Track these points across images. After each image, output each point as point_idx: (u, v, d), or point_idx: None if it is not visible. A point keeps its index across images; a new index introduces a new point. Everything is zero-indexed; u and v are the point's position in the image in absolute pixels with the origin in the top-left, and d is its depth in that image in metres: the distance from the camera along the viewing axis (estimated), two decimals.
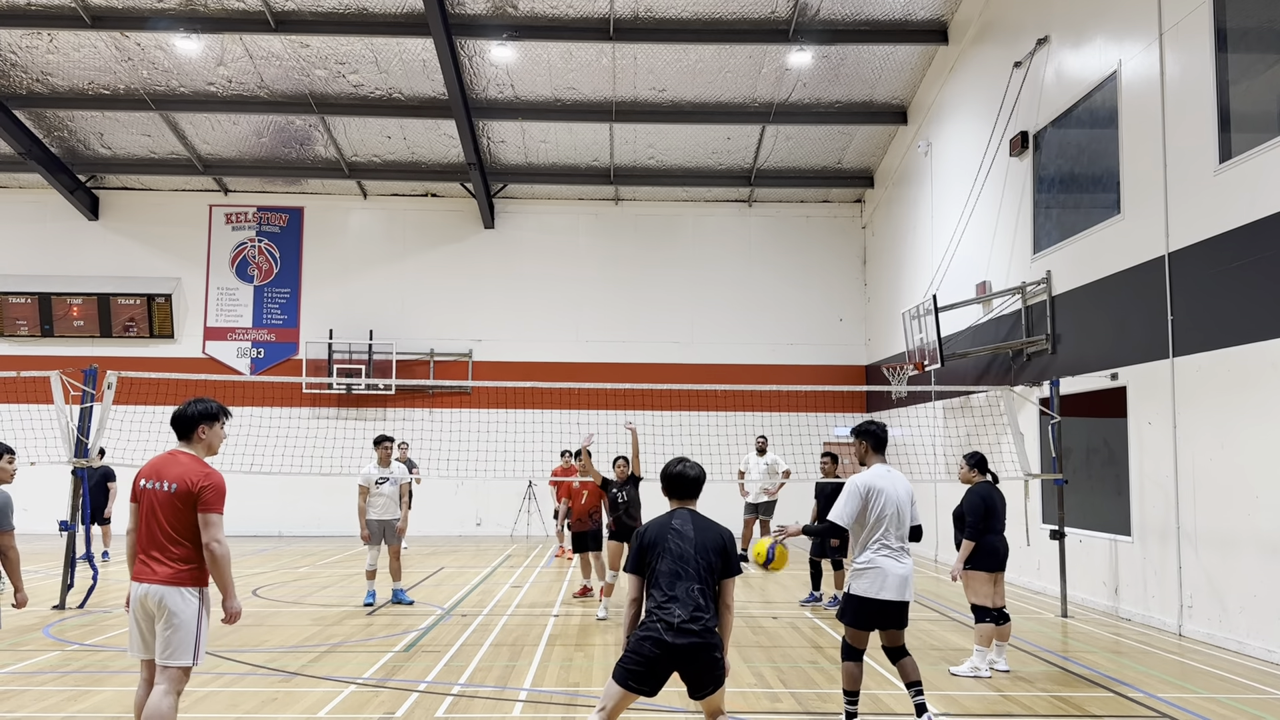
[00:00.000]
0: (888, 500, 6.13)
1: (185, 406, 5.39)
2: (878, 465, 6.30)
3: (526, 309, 21.55)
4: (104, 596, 11.57)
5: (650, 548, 4.87)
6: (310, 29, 16.70)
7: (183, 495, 5.06)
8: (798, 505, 21.15)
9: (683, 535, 4.86)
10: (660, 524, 4.95)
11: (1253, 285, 9.07)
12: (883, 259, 20.65)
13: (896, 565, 6.11)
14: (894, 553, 6.13)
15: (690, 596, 4.72)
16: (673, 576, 4.76)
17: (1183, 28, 10.20)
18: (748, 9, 16.39)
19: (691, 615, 4.68)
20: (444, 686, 7.49)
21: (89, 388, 11.34)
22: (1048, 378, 12.51)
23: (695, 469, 5.11)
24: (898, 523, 6.17)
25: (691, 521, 4.95)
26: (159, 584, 4.98)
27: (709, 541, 4.88)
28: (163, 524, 5.06)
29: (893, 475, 6.27)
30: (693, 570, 4.78)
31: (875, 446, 6.36)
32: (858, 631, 6.19)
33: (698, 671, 4.72)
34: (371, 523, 11.36)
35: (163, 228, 21.58)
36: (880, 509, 6.11)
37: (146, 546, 5.07)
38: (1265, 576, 8.81)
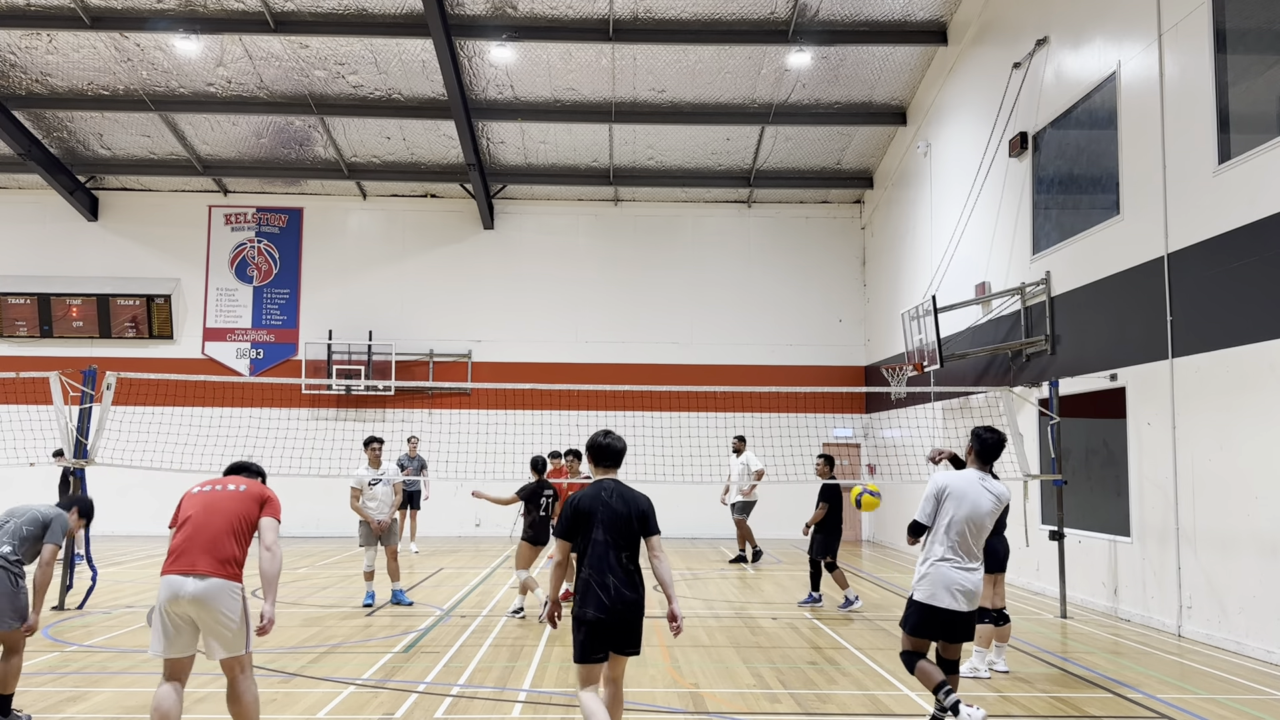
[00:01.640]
0: (963, 505, 5.94)
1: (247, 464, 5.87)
2: (970, 470, 6.16)
3: (526, 310, 21.55)
4: (103, 598, 11.56)
5: (585, 516, 5.31)
6: (310, 29, 16.70)
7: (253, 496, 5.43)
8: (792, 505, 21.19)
9: (611, 506, 5.32)
10: (591, 494, 5.36)
11: (1252, 286, 9.08)
12: (882, 260, 20.66)
13: (958, 573, 5.89)
14: (959, 560, 5.90)
15: (623, 566, 5.27)
16: (606, 546, 5.25)
17: (1182, 28, 10.21)
18: (747, 9, 16.40)
19: (627, 584, 5.25)
20: (443, 687, 7.49)
21: (88, 388, 11.33)
22: (1047, 378, 12.51)
23: (620, 441, 5.57)
24: (971, 531, 5.94)
25: (618, 491, 5.41)
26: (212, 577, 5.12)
27: (634, 510, 5.36)
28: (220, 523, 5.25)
29: (985, 482, 6.07)
30: (624, 540, 5.30)
31: (981, 453, 6.22)
32: (916, 639, 6.01)
33: (630, 631, 5.29)
34: (366, 523, 11.35)
35: (162, 228, 21.58)
36: (952, 513, 5.93)
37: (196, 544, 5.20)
38: (1264, 577, 8.82)
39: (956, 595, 5.87)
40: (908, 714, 6.90)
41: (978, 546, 5.99)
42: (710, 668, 8.27)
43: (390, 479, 11.53)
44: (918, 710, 6.99)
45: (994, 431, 6.23)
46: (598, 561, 5.24)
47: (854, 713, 6.91)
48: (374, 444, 11.57)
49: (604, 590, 5.20)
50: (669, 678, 7.85)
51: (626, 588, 5.23)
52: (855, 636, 9.80)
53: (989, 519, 5.99)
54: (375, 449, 11.51)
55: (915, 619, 5.97)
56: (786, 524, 21.04)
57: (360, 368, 20.72)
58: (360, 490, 11.29)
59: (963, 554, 5.90)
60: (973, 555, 5.95)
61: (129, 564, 15.43)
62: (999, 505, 6.08)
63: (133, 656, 8.44)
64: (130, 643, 9.06)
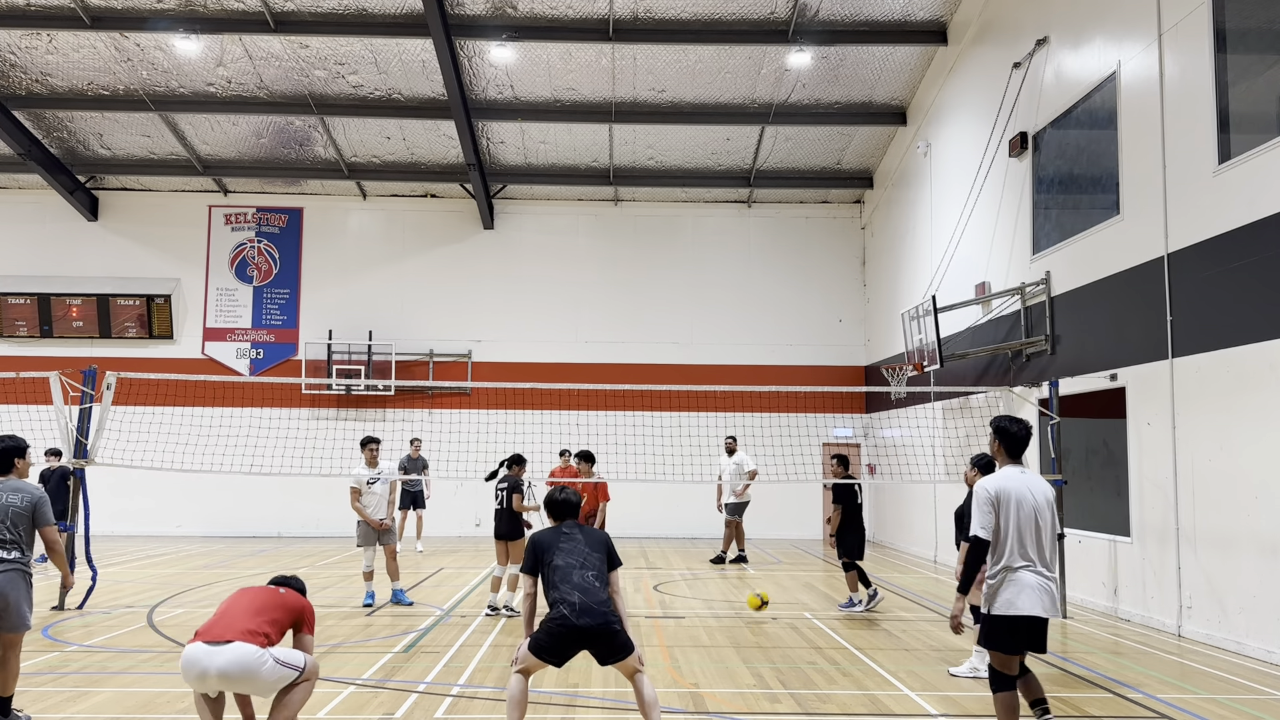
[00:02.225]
0: (1021, 505, 5.55)
1: None
2: (1009, 467, 5.74)
3: (526, 310, 21.55)
4: (103, 598, 11.56)
5: (545, 550, 5.75)
6: (310, 29, 16.70)
7: (293, 605, 5.58)
8: (794, 505, 21.21)
9: (572, 537, 5.81)
10: (551, 531, 5.90)
11: (1252, 286, 9.08)
12: (882, 260, 20.66)
13: (1032, 577, 5.50)
14: (1031, 563, 5.53)
15: (587, 582, 5.58)
16: (568, 569, 5.61)
17: (1182, 28, 10.21)
18: (747, 9, 16.40)
19: (593, 599, 5.52)
20: (443, 687, 7.49)
21: (88, 388, 11.34)
22: (1047, 378, 12.52)
23: (576, 496, 6.11)
24: (1035, 530, 5.55)
25: (578, 528, 5.91)
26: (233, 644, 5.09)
27: (594, 542, 5.84)
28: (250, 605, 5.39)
29: (1027, 477, 5.70)
30: (587, 562, 5.67)
31: (1009, 448, 5.78)
32: (1004, 656, 5.54)
33: (603, 646, 5.54)
34: (364, 523, 11.37)
35: (162, 228, 21.57)
36: (1012, 515, 5.54)
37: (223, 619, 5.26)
38: (1264, 577, 8.82)
39: (1037, 600, 5.47)
40: (908, 714, 6.91)
41: (1049, 548, 5.60)
42: (710, 668, 8.27)
43: (387, 478, 11.53)
44: (918, 710, 6.99)
45: (1018, 421, 5.83)
46: (562, 579, 5.60)
47: (854, 713, 6.92)
48: (371, 444, 11.57)
49: (568, 602, 5.50)
50: (669, 678, 7.85)
51: (591, 609, 5.49)
52: (855, 636, 9.80)
53: (1050, 514, 5.60)
54: (373, 449, 11.52)
55: (998, 634, 5.53)
56: (787, 524, 21.11)
57: (360, 368, 20.72)
58: (360, 490, 11.30)
59: (1035, 558, 5.54)
60: (1045, 557, 5.58)
61: (129, 564, 15.44)
62: (1049, 492, 5.71)
63: (133, 656, 8.44)
64: (130, 643, 9.06)
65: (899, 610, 11.57)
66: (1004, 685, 5.58)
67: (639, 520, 19.11)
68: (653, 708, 5.61)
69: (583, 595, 5.50)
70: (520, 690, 5.58)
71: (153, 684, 7.47)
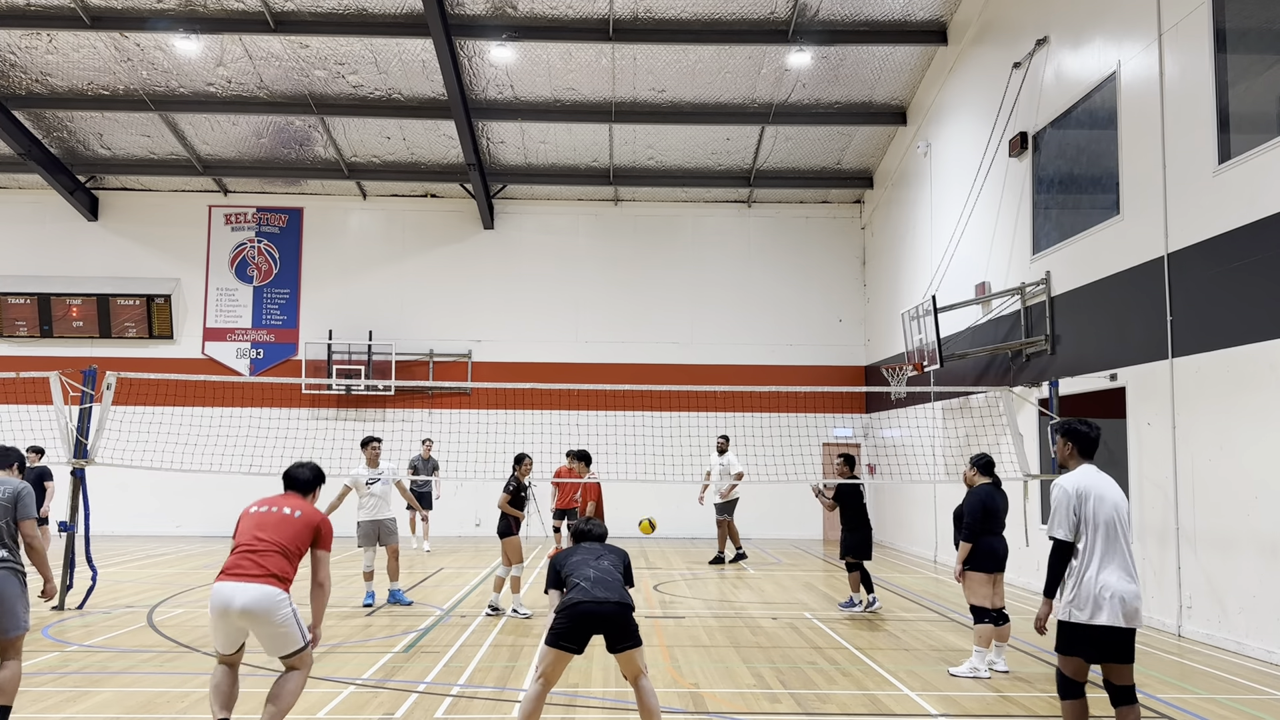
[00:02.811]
0: (1104, 505, 5.33)
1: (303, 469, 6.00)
2: (1085, 466, 5.55)
3: (526, 310, 21.55)
4: (103, 598, 11.56)
5: (563, 561, 5.92)
6: (310, 29, 16.70)
7: (307, 524, 5.64)
8: (794, 505, 21.20)
9: (592, 548, 6.03)
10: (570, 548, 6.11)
11: (1252, 286, 9.08)
12: (882, 260, 20.66)
13: (1116, 582, 5.24)
14: (1113, 567, 5.27)
15: (605, 570, 5.76)
16: (584, 564, 5.78)
17: (1182, 28, 10.21)
18: (747, 9, 16.40)
19: (609, 583, 5.66)
20: (443, 687, 7.49)
21: (88, 388, 11.33)
22: (1047, 378, 12.52)
23: (601, 528, 6.25)
24: (1115, 532, 5.33)
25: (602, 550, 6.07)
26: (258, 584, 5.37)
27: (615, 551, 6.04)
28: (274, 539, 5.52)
29: (1103, 477, 5.48)
30: (604, 558, 5.87)
31: (1082, 450, 5.59)
32: (1079, 663, 5.37)
33: (616, 628, 5.61)
34: (364, 523, 11.36)
35: (162, 228, 21.58)
36: (1094, 515, 5.32)
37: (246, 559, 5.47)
38: (1264, 577, 8.82)
39: (1117, 608, 5.22)
40: (908, 714, 6.91)
41: (1130, 550, 5.38)
42: (710, 668, 8.27)
43: (389, 478, 11.53)
44: (918, 710, 6.99)
45: (1089, 423, 5.63)
46: (577, 568, 5.76)
47: (854, 713, 6.92)
48: (373, 443, 11.58)
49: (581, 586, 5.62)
50: (669, 678, 7.85)
51: (606, 584, 5.64)
52: (855, 636, 9.80)
53: (1128, 515, 5.44)
54: (375, 448, 11.53)
55: (1075, 641, 5.34)
56: (788, 524, 21.11)
57: (360, 368, 20.73)
58: (351, 489, 11.32)
59: (1117, 560, 5.29)
60: (1128, 560, 5.35)
61: (129, 564, 15.43)
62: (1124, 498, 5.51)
63: (133, 656, 8.44)
64: (130, 643, 9.06)
65: (899, 610, 11.57)
66: (1071, 691, 5.40)
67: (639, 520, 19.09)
68: (654, 715, 5.57)
69: (599, 574, 5.66)
70: (536, 695, 5.53)
71: (153, 684, 7.47)
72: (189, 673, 7.82)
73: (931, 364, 14.83)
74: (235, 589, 5.37)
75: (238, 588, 5.37)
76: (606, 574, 5.74)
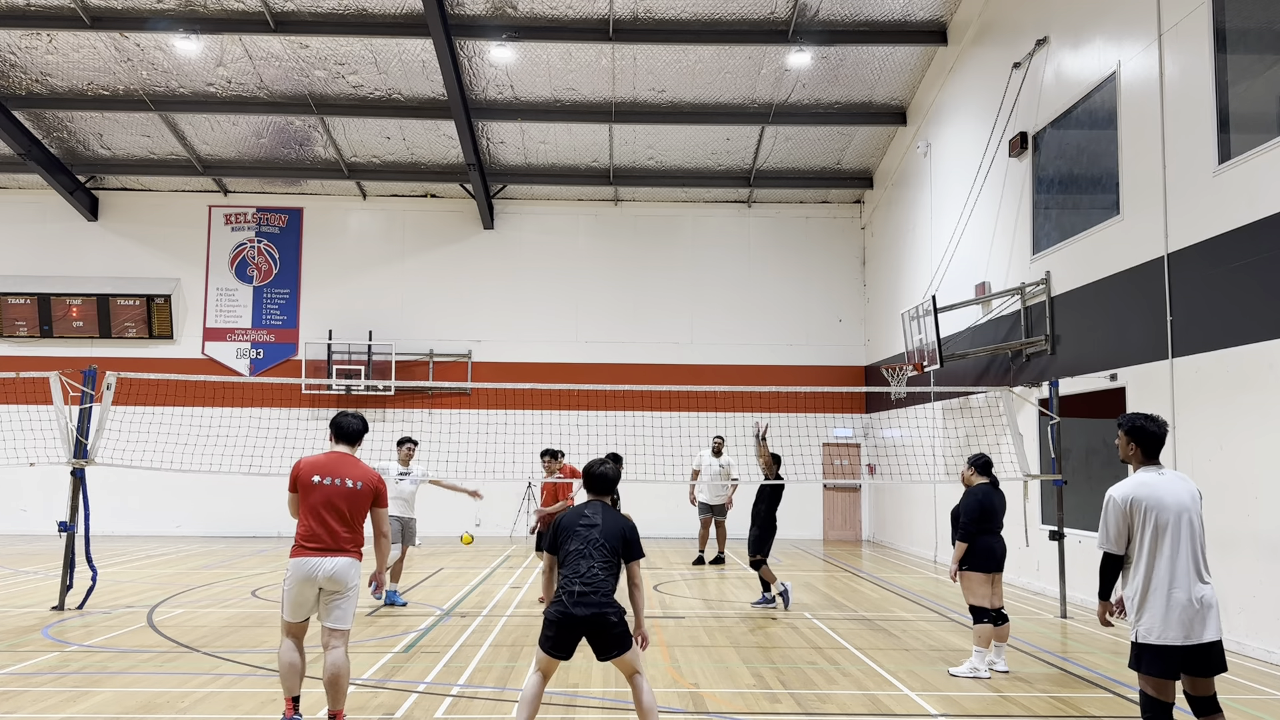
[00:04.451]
0: (1160, 512, 4.95)
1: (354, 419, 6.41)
2: (1143, 472, 5.10)
3: (526, 310, 21.55)
4: (103, 598, 11.55)
5: (563, 532, 5.74)
6: (310, 29, 16.71)
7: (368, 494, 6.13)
8: (797, 505, 21.19)
9: (591, 523, 5.72)
10: (575, 513, 5.82)
11: (1252, 286, 9.08)
12: (882, 260, 20.66)
13: (1180, 594, 4.87)
14: (1184, 576, 4.89)
15: (591, 573, 5.55)
16: (578, 556, 5.60)
17: (1182, 29, 10.21)
18: (747, 9, 16.40)
19: (591, 588, 5.51)
20: (443, 687, 7.49)
21: (88, 388, 11.33)
22: (1047, 378, 12.52)
23: (614, 470, 6.02)
24: (1177, 539, 4.92)
25: (601, 513, 5.79)
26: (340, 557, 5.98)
27: (612, 529, 5.72)
28: (346, 513, 6.04)
29: (1167, 479, 5.05)
30: (595, 551, 5.61)
31: (1146, 448, 5.11)
32: (1158, 680, 4.96)
33: (599, 637, 5.54)
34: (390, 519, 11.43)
35: (162, 228, 21.58)
36: (1150, 527, 4.95)
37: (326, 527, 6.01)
38: (1264, 577, 8.82)
39: (1184, 622, 4.86)
40: (908, 714, 6.91)
41: (1202, 553, 4.97)
42: (710, 668, 8.27)
43: (418, 479, 11.72)
44: (918, 710, 6.99)
45: (1154, 419, 5.14)
46: (570, 567, 5.62)
47: (854, 713, 6.91)
48: (407, 444, 11.81)
49: (566, 591, 5.55)
50: (669, 678, 7.85)
51: (588, 596, 5.52)
52: (855, 636, 9.80)
53: (1197, 514, 4.99)
54: (409, 449, 11.77)
55: (1149, 661, 4.95)
56: (787, 524, 21.04)
57: (360, 368, 20.73)
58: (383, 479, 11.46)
59: (1182, 571, 4.91)
60: (1196, 567, 4.93)
61: (129, 564, 15.43)
62: (1198, 495, 5.09)
63: (133, 656, 8.44)
64: (130, 643, 9.06)
65: (899, 610, 11.57)
66: (1156, 712, 4.99)
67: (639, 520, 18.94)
68: (650, 713, 5.57)
69: (583, 585, 5.53)
70: (533, 689, 5.58)
71: (153, 684, 7.47)
72: (189, 673, 7.82)
73: (931, 364, 14.83)
74: (319, 561, 5.95)
75: (322, 561, 5.95)
76: (594, 578, 5.52)
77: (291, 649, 6.02)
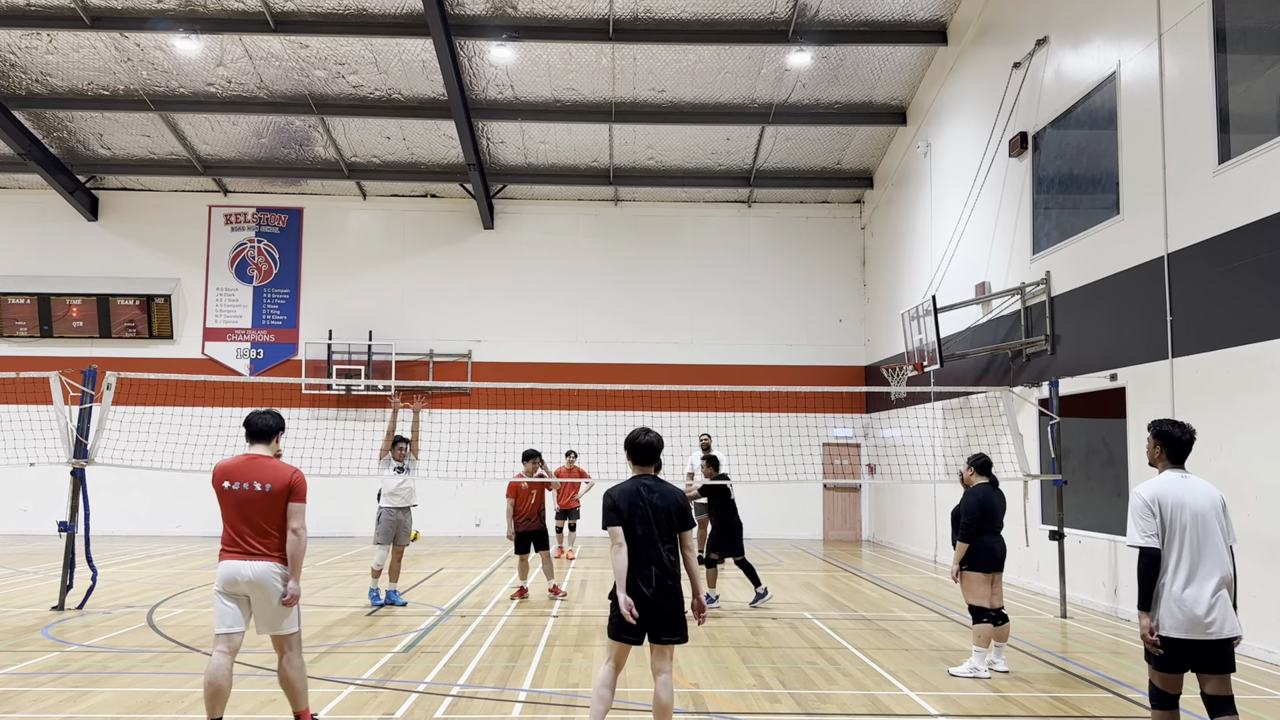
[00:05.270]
0: (1181, 511, 5.15)
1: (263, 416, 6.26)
2: (1169, 472, 5.34)
3: (526, 310, 21.56)
4: (103, 598, 11.56)
5: (627, 509, 5.54)
6: (310, 29, 16.70)
7: (280, 494, 5.86)
8: (799, 504, 21.21)
9: (651, 503, 5.55)
10: (630, 492, 5.58)
11: (1252, 286, 9.08)
12: (882, 259, 20.66)
13: (1197, 592, 5.05)
14: (1197, 576, 5.08)
15: (663, 558, 5.50)
16: (646, 541, 5.49)
17: (1182, 28, 10.21)
18: (747, 9, 16.40)
19: (668, 574, 5.48)
20: (443, 687, 7.49)
21: (88, 388, 11.33)
22: (1047, 378, 12.52)
23: (658, 439, 5.74)
24: (1200, 539, 5.12)
25: (657, 489, 5.61)
26: (259, 561, 5.73)
27: (671, 505, 5.58)
28: (258, 520, 5.82)
29: (1190, 482, 5.27)
30: (663, 533, 5.53)
31: (1172, 452, 5.35)
32: (1164, 675, 5.24)
33: (669, 621, 5.50)
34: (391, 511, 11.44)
35: (162, 228, 21.58)
36: (1179, 523, 5.13)
37: (241, 533, 5.82)
38: (1264, 577, 8.82)
39: (1199, 619, 5.05)
40: (908, 714, 6.91)
41: (1216, 556, 5.15)
42: (710, 668, 8.27)
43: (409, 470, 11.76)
44: (918, 710, 6.99)
45: (1180, 425, 5.40)
46: (642, 552, 5.49)
47: (854, 713, 6.91)
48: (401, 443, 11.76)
49: (645, 580, 5.46)
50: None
51: (668, 576, 5.49)
52: (855, 636, 9.80)
53: (1216, 520, 5.18)
54: (402, 448, 11.70)
55: (1158, 654, 5.19)
56: (788, 524, 21.11)
57: (360, 368, 20.73)
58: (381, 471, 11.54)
59: (1201, 570, 5.10)
60: (1215, 563, 5.13)
61: (129, 564, 15.43)
62: (1218, 498, 5.27)
63: (133, 656, 8.44)
64: (130, 643, 9.06)
65: (899, 610, 11.57)
66: (1162, 703, 5.27)
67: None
68: (665, 712, 5.51)
69: (659, 570, 5.47)
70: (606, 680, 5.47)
71: (153, 684, 7.47)
72: (189, 673, 7.82)
73: (931, 364, 14.83)
74: (239, 565, 5.75)
75: (241, 565, 5.74)
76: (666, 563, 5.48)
77: (219, 668, 5.64)
